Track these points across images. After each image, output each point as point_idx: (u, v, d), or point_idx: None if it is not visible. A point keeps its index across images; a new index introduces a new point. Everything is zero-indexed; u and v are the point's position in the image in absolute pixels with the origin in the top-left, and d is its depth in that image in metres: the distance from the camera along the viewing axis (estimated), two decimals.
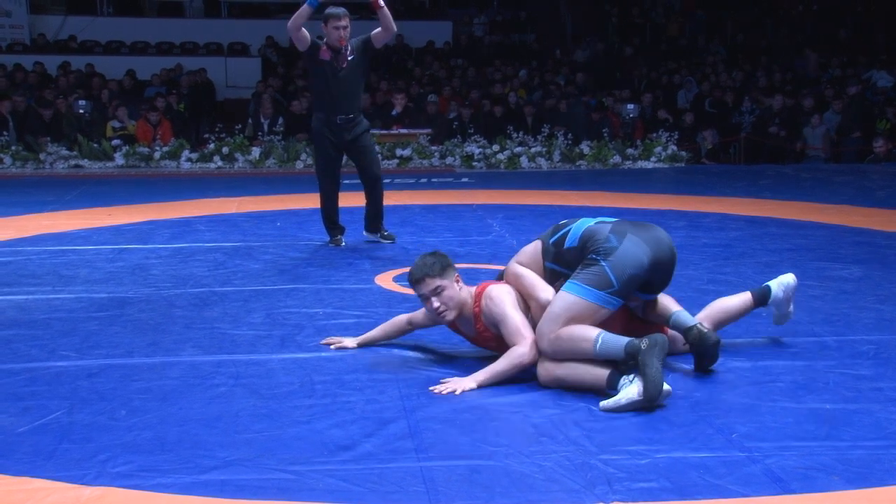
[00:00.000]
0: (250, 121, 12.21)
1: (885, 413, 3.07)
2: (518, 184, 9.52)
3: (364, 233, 6.30)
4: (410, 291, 4.84)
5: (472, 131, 11.94)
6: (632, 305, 3.57)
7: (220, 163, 11.24)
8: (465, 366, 3.59)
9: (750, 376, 3.45)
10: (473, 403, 3.17)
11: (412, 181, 9.95)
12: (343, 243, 6.15)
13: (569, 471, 2.63)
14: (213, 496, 2.50)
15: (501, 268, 5.17)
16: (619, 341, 3.18)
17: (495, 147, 11.52)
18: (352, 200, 6.74)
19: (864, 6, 17.27)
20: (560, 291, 3.34)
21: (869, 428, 2.94)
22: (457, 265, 3.57)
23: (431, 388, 3.34)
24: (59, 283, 5.05)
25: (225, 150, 11.27)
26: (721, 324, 3.73)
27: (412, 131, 11.77)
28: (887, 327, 4.11)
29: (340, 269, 5.43)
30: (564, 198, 8.34)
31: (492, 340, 3.56)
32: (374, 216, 6.22)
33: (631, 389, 3.08)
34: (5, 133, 11.53)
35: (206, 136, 11.77)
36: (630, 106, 12.67)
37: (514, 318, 3.41)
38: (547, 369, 3.29)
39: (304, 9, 5.80)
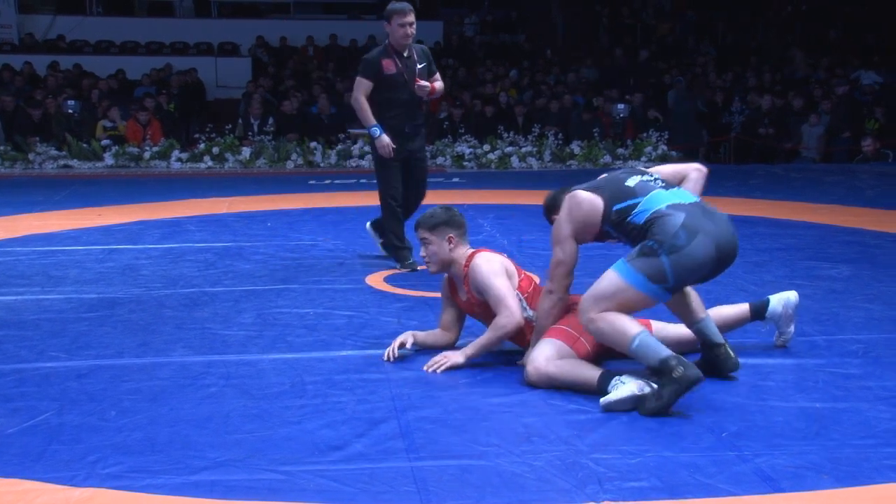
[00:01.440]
0: (240, 121, 12.19)
1: (873, 412, 3.08)
2: (509, 184, 9.53)
3: (368, 225, 5.78)
4: (402, 291, 4.85)
5: (462, 131, 11.95)
6: None
7: (210, 163, 11.22)
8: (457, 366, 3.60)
9: (740, 375, 3.45)
10: (464, 403, 3.17)
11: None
12: (416, 265, 5.30)
13: (560, 470, 2.63)
14: (203, 497, 2.49)
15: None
16: (658, 351, 3.07)
17: (486, 147, 11.53)
18: (348, 200, 6.73)
19: (853, 7, 17.34)
20: (613, 271, 3.18)
21: (858, 427, 2.96)
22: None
23: (425, 366, 3.49)
24: (49, 284, 5.03)
25: (215, 150, 11.25)
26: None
27: None
28: (876, 326, 4.13)
29: (331, 270, 5.42)
30: None
31: (477, 307, 3.63)
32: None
33: (630, 386, 3.07)
34: None
35: (197, 136, 11.74)
36: (620, 106, 12.69)
37: (497, 287, 3.49)
38: (537, 368, 3.30)
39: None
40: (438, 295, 4.71)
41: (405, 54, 5.28)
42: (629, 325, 3.13)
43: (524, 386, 3.33)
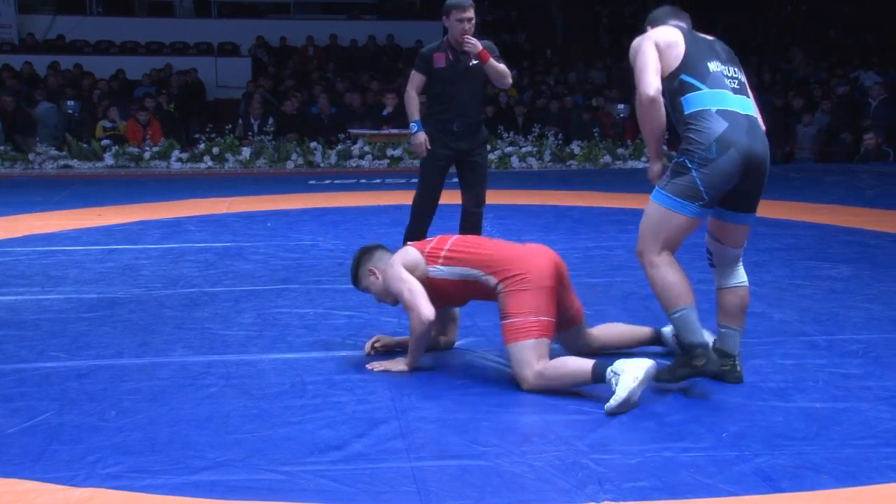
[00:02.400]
0: (240, 121, 12.19)
1: (873, 412, 3.08)
2: (509, 184, 9.52)
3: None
4: None
5: None
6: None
7: (210, 163, 11.22)
8: (456, 365, 3.60)
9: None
10: (464, 404, 3.17)
11: (403, 181, 9.93)
12: None
13: (560, 470, 2.63)
14: (203, 497, 2.49)
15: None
16: (694, 333, 3.18)
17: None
18: (348, 200, 6.73)
19: (853, 7, 17.34)
20: (653, 202, 3.27)
21: (858, 426, 2.96)
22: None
23: (368, 365, 3.53)
24: (49, 284, 5.03)
25: (215, 150, 11.25)
26: (606, 346, 3.66)
27: (403, 131, 11.75)
28: (876, 326, 4.13)
29: (331, 270, 5.42)
30: (555, 198, 8.35)
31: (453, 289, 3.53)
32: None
33: (625, 380, 3.04)
34: None
35: (197, 136, 11.74)
36: (620, 105, 12.69)
37: (399, 291, 3.48)
38: (530, 383, 3.23)
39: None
40: None
41: (461, 50, 5.08)
42: (682, 295, 3.22)
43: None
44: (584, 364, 3.20)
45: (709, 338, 3.32)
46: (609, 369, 3.11)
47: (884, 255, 5.75)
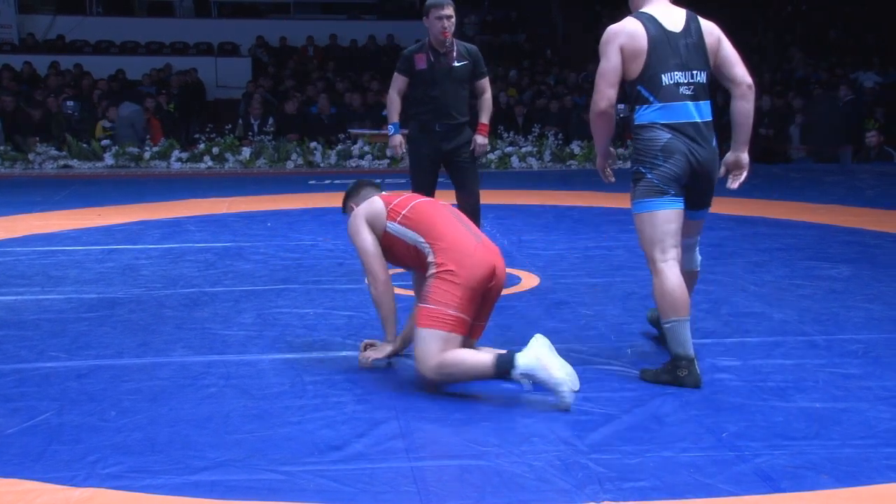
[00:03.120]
0: (240, 121, 12.19)
1: (873, 412, 3.08)
2: (509, 184, 9.53)
3: None
4: (402, 291, 4.84)
5: None
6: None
7: (210, 163, 11.22)
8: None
9: (740, 375, 3.46)
10: (464, 403, 3.17)
11: (403, 181, 9.94)
12: None
13: (559, 470, 2.63)
14: (203, 497, 2.49)
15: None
16: (682, 345, 3.34)
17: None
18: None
19: (853, 7, 17.33)
20: (634, 217, 3.49)
21: (858, 427, 2.96)
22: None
23: (359, 363, 3.56)
24: (49, 284, 5.03)
25: (215, 150, 11.25)
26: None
27: (405, 132, 11.76)
28: (876, 326, 4.13)
29: (331, 270, 5.42)
30: (555, 198, 8.35)
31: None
32: None
33: (551, 372, 3.07)
34: None
35: (197, 136, 11.73)
36: (621, 106, 12.65)
37: (358, 248, 3.54)
38: (430, 371, 3.21)
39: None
40: None
41: (442, 51, 5.06)
42: (677, 306, 3.37)
43: (523, 386, 3.33)
44: (483, 359, 3.17)
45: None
46: (519, 374, 3.09)
47: (884, 255, 5.75)
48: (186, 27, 17.29)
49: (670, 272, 3.37)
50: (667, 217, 3.40)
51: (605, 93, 3.47)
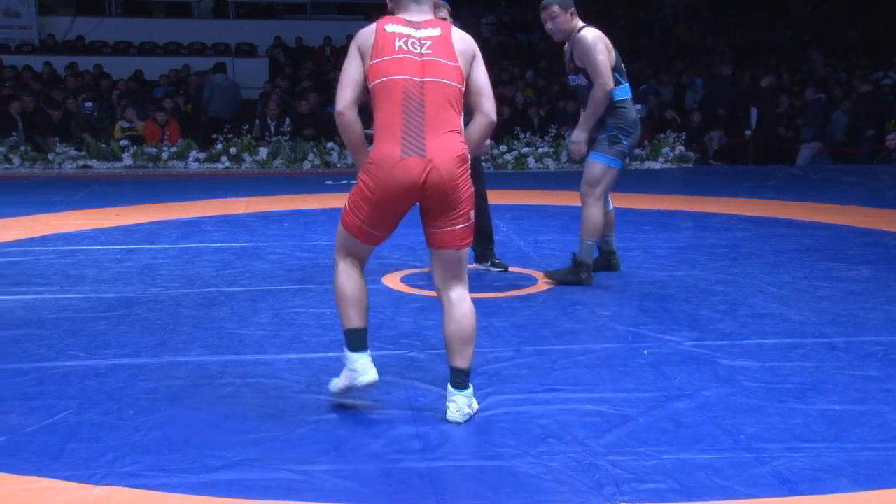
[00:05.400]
0: (258, 121, 12.23)
1: (893, 414, 3.06)
2: (526, 184, 9.51)
3: (480, 266, 5.33)
4: (418, 292, 4.86)
5: None
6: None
7: (227, 163, 11.26)
8: (474, 363, 3.59)
9: (758, 377, 3.44)
10: (480, 404, 3.17)
11: None
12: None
13: (576, 472, 2.63)
14: (220, 496, 2.50)
15: (507, 268, 5.18)
16: (591, 256, 4.90)
17: (503, 147, 11.51)
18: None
19: (873, 7, 17.20)
20: (597, 161, 4.77)
21: (878, 429, 2.93)
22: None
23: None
24: (68, 283, 5.07)
25: (232, 150, 11.29)
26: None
27: None
28: None
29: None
30: (572, 198, 8.29)
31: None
32: (483, 244, 5.25)
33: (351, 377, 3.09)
34: (14, 133, 11.58)
35: (214, 136, 11.79)
36: (638, 106, 12.61)
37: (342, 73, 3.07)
38: (334, 262, 3.15)
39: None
40: None
41: None
42: (599, 228, 4.85)
43: (538, 386, 3.33)
44: (352, 315, 3.11)
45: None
46: (355, 364, 3.07)
47: None
48: (204, 28, 17.35)
49: (601, 205, 4.82)
50: (617, 176, 4.86)
51: (611, 77, 4.74)
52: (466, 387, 3.03)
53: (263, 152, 11.30)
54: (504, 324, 4.19)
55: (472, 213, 3.08)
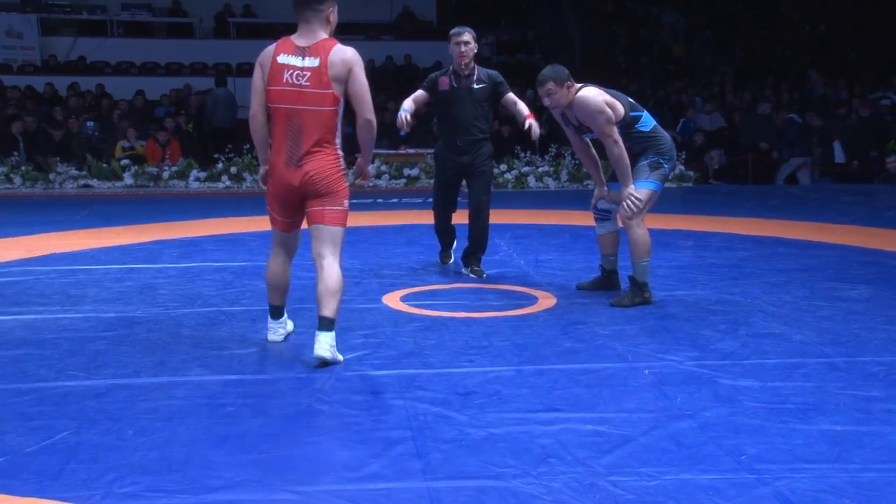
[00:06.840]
0: None
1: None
2: (526, 203, 9.53)
3: (462, 266, 5.85)
4: (418, 311, 4.85)
5: None
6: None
7: (228, 182, 11.29)
8: (472, 384, 3.59)
9: (759, 397, 3.43)
10: (480, 424, 3.16)
11: (420, 201, 9.97)
12: (451, 259, 6.17)
13: (577, 492, 2.62)
14: None
15: (506, 287, 5.18)
16: (648, 275, 4.99)
17: (503, 167, 11.54)
18: (364, 220, 6.72)
19: (871, 27, 17.28)
20: (644, 187, 4.87)
21: (880, 450, 2.92)
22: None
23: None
24: (68, 303, 5.07)
25: (233, 169, 11.32)
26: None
27: (420, 151, 11.81)
28: None
29: (348, 289, 5.42)
30: (572, 217, 8.34)
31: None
32: (472, 248, 5.80)
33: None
34: (15, 153, 11.61)
35: (215, 155, 11.82)
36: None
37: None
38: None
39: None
40: (456, 314, 4.72)
41: (464, 74, 5.72)
42: (650, 250, 4.96)
43: (539, 406, 3.32)
44: (271, 294, 4.21)
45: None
46: (269, 326, 4.26)
47: None
48: (205, 48, 17.44)
49: (645, 227, 4.92)
50: (657, 198, 4.99)
51: (616, 132, 4.85)
52: (331, 329, 3.85)
53: None
54: (504, 343, 4.18)
55: (346, 203, 3.94)
